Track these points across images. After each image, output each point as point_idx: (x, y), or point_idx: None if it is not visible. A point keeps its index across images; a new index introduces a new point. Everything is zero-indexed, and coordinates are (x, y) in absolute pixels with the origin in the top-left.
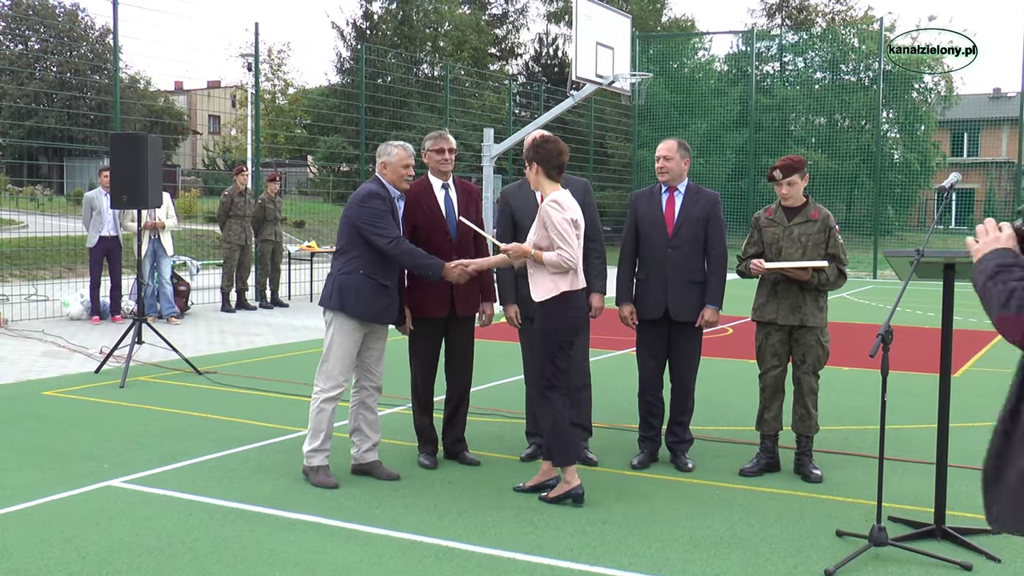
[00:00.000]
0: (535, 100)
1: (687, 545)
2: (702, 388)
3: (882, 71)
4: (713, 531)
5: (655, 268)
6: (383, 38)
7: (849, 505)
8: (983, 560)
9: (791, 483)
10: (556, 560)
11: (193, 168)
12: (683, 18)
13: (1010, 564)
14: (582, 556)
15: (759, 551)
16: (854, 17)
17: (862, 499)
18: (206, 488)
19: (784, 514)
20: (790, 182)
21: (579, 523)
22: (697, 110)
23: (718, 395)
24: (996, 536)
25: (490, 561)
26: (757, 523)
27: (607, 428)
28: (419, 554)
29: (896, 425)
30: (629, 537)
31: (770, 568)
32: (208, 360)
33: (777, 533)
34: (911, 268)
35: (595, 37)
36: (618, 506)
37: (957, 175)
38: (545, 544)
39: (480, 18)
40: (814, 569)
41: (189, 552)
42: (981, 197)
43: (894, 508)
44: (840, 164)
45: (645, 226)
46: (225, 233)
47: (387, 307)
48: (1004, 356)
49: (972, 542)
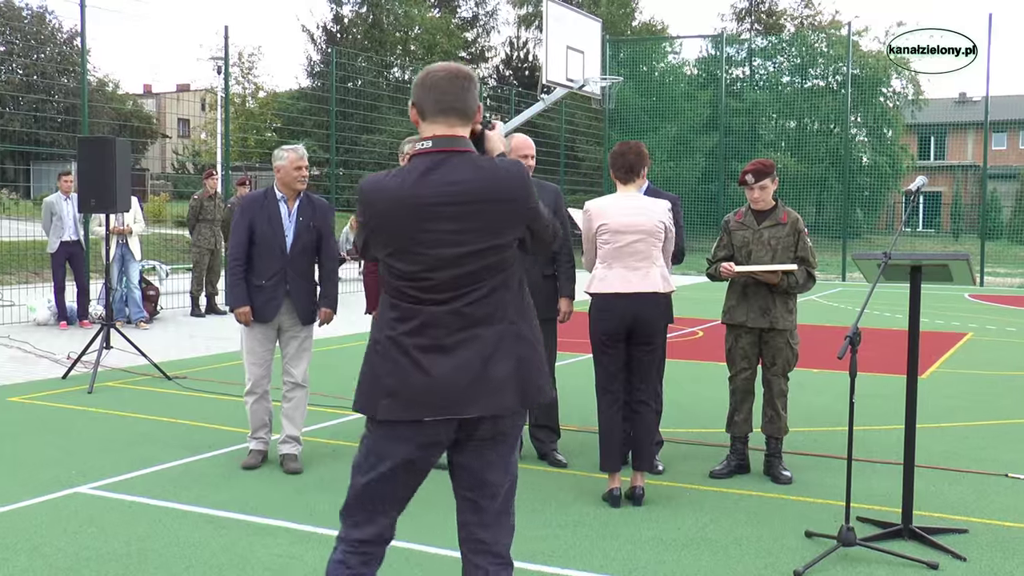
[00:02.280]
0: (506, 104)
1: (657, 547)
2: (672, 391)
3: (850, 75)
4: (683, 532)
5: None
6: (353, 42)
7: (818, 506)
8: (949, 559)
9: (761, 485)
10: (527, 563)
11: (162, 172)
12: (653, 22)
13: (976, 563)
14: (554, 559)
15: (729, 552)
16: (822, 22)
17: (831, 500)
18: (176, 494)
19: (754, 515)
20: (761, 186)
21: (550, 526)
22: (667, 114)
23: (688, 398)
24: (962, 535)
25: (460, 565)
26: (727, 524)
27: (578, 431)
28: (389, 558)
29: (864, 426)
30: (600, 539)
31: (740, 569)
32: (177, 365)
33: (747, 534)
34: (878, 271)
35: (565, 41)
36: (589, 508)
37: (923, 178)
38: (516, 547)
39: (450, 21)
40: (783, 570)
41: (158, 558)
42: (948, 200)
43: (862, 508)
44: (809, 167)
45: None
46: (195, 237)
47: (261, 305)
48: (970, 358)
49: (938, 541)
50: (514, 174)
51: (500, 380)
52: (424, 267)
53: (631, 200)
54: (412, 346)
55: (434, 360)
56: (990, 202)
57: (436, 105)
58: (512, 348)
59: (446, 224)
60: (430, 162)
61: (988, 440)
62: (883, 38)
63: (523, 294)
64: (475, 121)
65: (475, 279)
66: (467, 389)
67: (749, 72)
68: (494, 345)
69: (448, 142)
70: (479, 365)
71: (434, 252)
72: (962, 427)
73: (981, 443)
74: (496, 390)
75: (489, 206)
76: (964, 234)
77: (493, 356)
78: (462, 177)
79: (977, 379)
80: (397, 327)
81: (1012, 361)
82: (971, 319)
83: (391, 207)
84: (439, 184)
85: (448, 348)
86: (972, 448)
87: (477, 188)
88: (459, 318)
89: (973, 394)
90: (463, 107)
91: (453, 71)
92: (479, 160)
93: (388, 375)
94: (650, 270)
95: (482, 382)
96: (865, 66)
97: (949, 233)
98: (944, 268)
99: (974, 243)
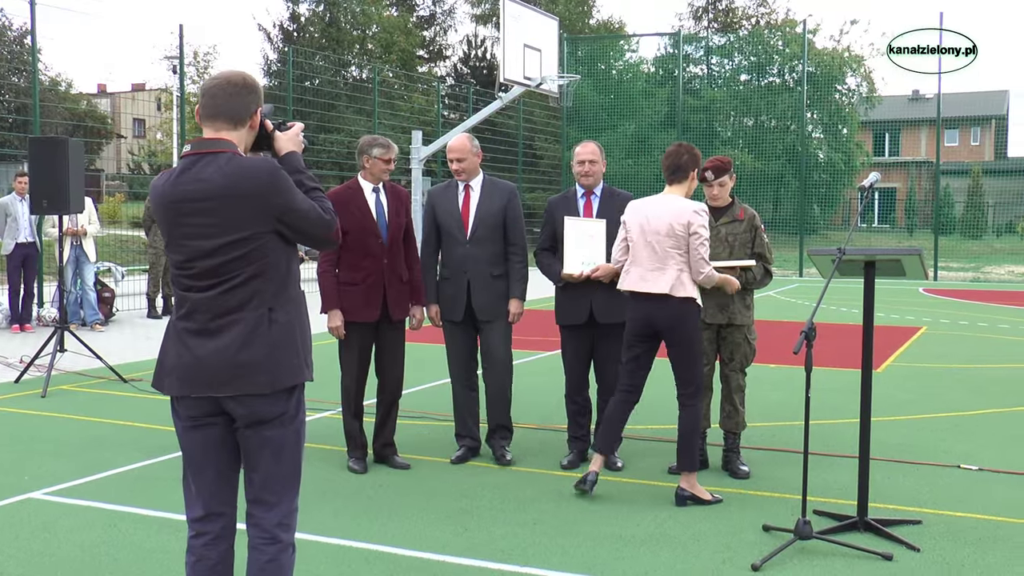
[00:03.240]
0: (464, 102)
1: (616, 543)
2: None
3: (806, 73)
4: (642, 529)
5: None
6: (310, 40)
7: (775, 500)
8: (903, 550)
9: (719, 479)
10: (486, 562)
11: (118, 172)
12: (611, 20)
13: (929, 553)
14: (512, 557)
15: (688, 547)
16: (777, 20)
17: (788, 494)
18: (131, 498)
19: (712, 510)
20: (720, 183)
21: (509, 524)
22: (625, 111)
23: (646, 394)
24: (915, 526)
25: (420, 564)
26: (685, 520)
27: (537, 429)
28: (349, 559)
29: (820, 420)
30: (559, 537)
31: (698, 564)
32: (134, 367)
33: (705, 529)
34: (833, 266)
35: (523, 39)
36: (548, 506)
37: (877, 175)
38: (476, 546)
39: (408, 20)
40: (741, 564)
41: (113, 564)
42: (902, 196)
43: (819, 502)
44: (766, 164)
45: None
46: (151, 238)
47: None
48: (924, 352)
49: (893, 533)
50: (260, 171)
51: (252, 363)
52: (186, 257)
53: (661, 202)
54: (183, 329)
55: (200, 342)
56: (943, 198)
57: (205, 110)
58: (267, 333)
59: (198, 218)
60: (187, 163)
61: (941, 432)
62: (837, 36)
63: (288, 283)
64: (252, 124)
65: (230, 269)
66: (223, 370)
67: (707, 70)
68: (251, 330)
69: (207, 144)
70: (235, 349)
71: (192, 244)
72: (916, 420)
73: (934, 435)
74: (248, 372)
75: (230, 202)
76: (918, 229)
77: (248, 341)
78: (208, 176)
79: (930, 372)
80: (176, 312)
81: (964, 354)
82: (925, 313)
83: (157, 204)
84: (189, 182)
85: (212, 332)
86: (925, 440)
87: (219, 185)
88: (219, 304)
89: (927, 387)
90: (229, 112)
91: (225, 78)
92: (232, 159)
93: (168, 356)
94: (665, 272)
95: (236, 364)
96: (820, 64)
97: (904, 229)
98: (897, 263)
99: (928, 238)
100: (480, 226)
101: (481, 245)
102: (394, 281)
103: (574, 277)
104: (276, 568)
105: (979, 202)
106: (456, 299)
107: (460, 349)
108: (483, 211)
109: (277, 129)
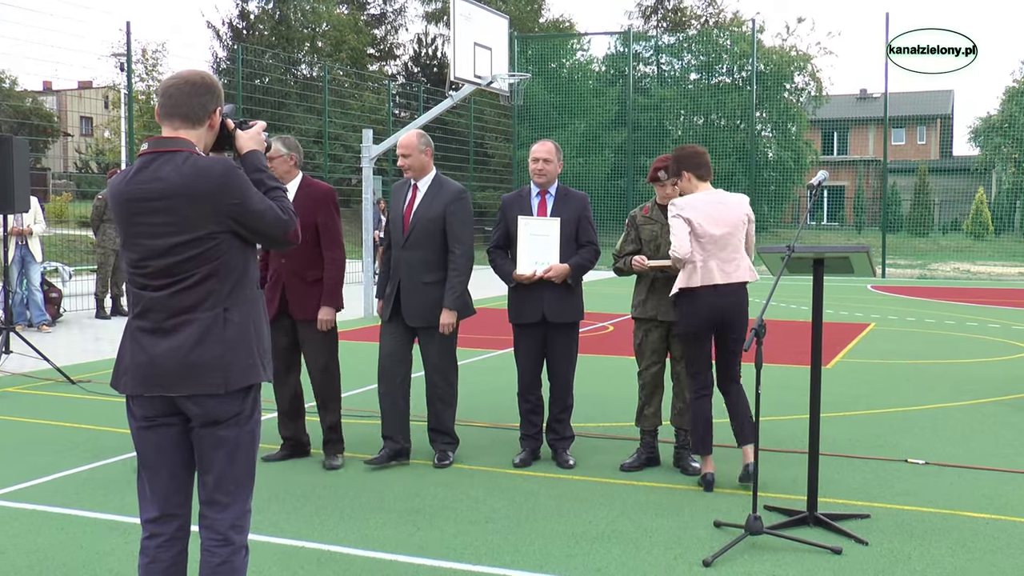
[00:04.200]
0: (414, 101)
1: (569, 540)
2: (582, 385)
3: (755, 72)
4: (594, 526)
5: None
6: (260, 38)
7: (726, 496)
8: (852, 543)
9: (670, 476)
10: (439, 561)
11: (64, 171)
12: (561, 19)
13: (876, 546)
14: (465, 556)
15: (639, 544)
16: (725, 20)
17: (739, 490)
18: (79, 501)
19: (664, 507)
20: (673, 182)
21: (461, 523)
22: (576, 110)
23: (598, 392)
24: (864, 520)
25: (372, 564)
26: (637, 517)
27: (489, 427)
28: (301, 560)
29: (770, 416)
30: (511, 535)
31: (650, 560)
32: (82, 368)
33: (657, 526)
34: (783, 263)
35: (473, 37)
36: (501, 504)
37: (824, 173)
38: (428, 545)
39: (358, 18)
40: (692, 560)
41: (61, 568)
42: (851, 194)
43: (769, 497)
44: (716, 163)
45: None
46: (99, 238)
47: None
48: (872, 348)
49: (842, 527)
50: (215, 171)
51: (206, 363)
52: (140, 256)
53: (719, 197)
54: (137, 328)
55: (153, 342)
56: (891, 196)
57: (163, 109)
58: (221, 333)
59: (151, 217)
60: (144, 161)
61: (889, 427)
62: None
63: (244, 284)
64: (211, 124)
65: (184, 268)
66: (176, 370)
67: (656, 69)
68: (205, 330)
69: (164, 143)
70: (188, 348)
71: (146, 243)
72: (864, 415)
73: (882, 430)
74: (201, 372)
75: (185, 201)
76: (867, 227)
77: (202, 340)
78: (164, 175)
79: (879, 368)
80: (132, 311)
81: (912, 350)
82: (873, 310)
83: (113, 202)
84: (145, 181)
85: (166, 331)
86: (874, 435)
87: (174, 185)
88: (173, 304)
89: (875, 383)
90: (186, 111)
91: (183, 77)
92: (189, 158)
93: (124, 355)
94: (740, 261)
95: (189, 364)
96: (769, 63)
97: (852, 226)
98: (845, 260)
99: (876, 236)
100: (416, 230)
101: (414, 250)
102: (294, 281)
103: (526, 277)
104: (229, 570)
105: (925, 200)
106: (388, 300)
107: (387, 349)
108: (420, 214)
109: (239, 128)
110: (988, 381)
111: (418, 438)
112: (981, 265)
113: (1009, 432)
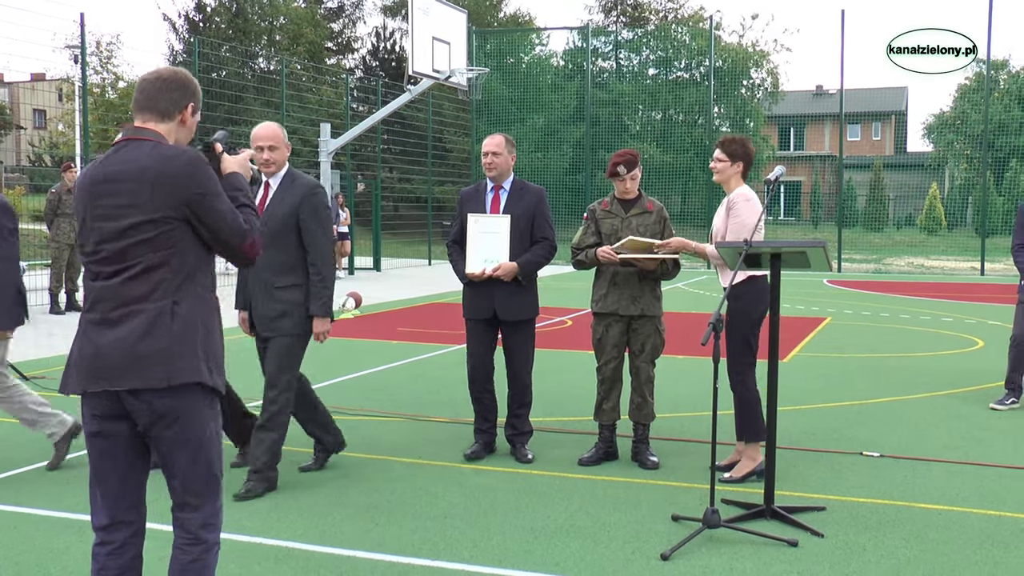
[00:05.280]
0: (372, 95)
1: (527, 535)
2: (540, 380)
3: (713, 68)
4: (553, 521)
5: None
6: (217, 31)
7: (684, 490)
8: (808, 536)
9: (628, 471)
10: (397, 556)
11: (17, 165)
12: (520, 13)
13: (832, 538)
14: (423, 551)
15: (598, 538)
16: (684, 15)
17: (697, 483)
18: (32, 499)
19: (622, 501)
20: (632, 176)
21: (420, 518)
22: (534, 105)
23: (556, 387)
24: (820, 512)
25: (330, 560)
26: (595, 511)
27: (448, 423)
28: (259, 556)
29: (728, 411)
30: (470, 530)
31: (608, 555)
32: (36, 365)
33: (615, 520)
34: (740, 258)
35: (431, 32)
36: (459, 500)
37: (782, 168)
38: (386, 541)
39: (316, 12)
40: (651, 553)
41: (13, 567)
42: (807, 189)
43: (727, 491)
44: (675, 158)
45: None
46: (53, 232)
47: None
48: (828, 341)
49: (798, 519)
50: (182, 159)
51: (149, 355)
52: (97, 240)
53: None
54: (88, 322)
55: (101, 333)
56: (846, 191)
57: (136, 103)
58: (168, 326)
59: (114, 199)
60: (116, 148)
61: (844, 420)
62: (740, 31)
63: (196, 279)
64: (183, 119)
65: (137, 253)
66: (120, 361)
67: (615, 64)
68: (151, 321)
69: (134, 132)
70: (134, 339)
71: (103, 225)
72: (820, 408)
73: (838, 423)
74: (144, 364)
75: (147, 183)
76: (823, 222)
77: (149, 331)
78: (133, 157)
79: (835, 362)
80: (85, 305)
81: (867, 344)
82: (829, 304)
83: (80, 189)
84: (113, 164)
85: (113, 322)
86: (829, 428)
87: (141, 166)
88: (122, 293)
89: (831, 376)
90: (155, 105)
91: (157, 73)
92: (157, 146)
93: (73, 351)
94: None
95: (133, 356)
96: (726, 59)
97: (809, 221)
98: (802, 255)
99: (832, 231)
100: (264, 228)
101: (265, 250)
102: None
103: (476, 276)
104: (200, 567)
105: (880, 195)
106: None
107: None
108: (270, 211)
109: (227, 152)
110: (941, 374)
111: (368, 434)
112: (935, 260)
113: (961, 424)
